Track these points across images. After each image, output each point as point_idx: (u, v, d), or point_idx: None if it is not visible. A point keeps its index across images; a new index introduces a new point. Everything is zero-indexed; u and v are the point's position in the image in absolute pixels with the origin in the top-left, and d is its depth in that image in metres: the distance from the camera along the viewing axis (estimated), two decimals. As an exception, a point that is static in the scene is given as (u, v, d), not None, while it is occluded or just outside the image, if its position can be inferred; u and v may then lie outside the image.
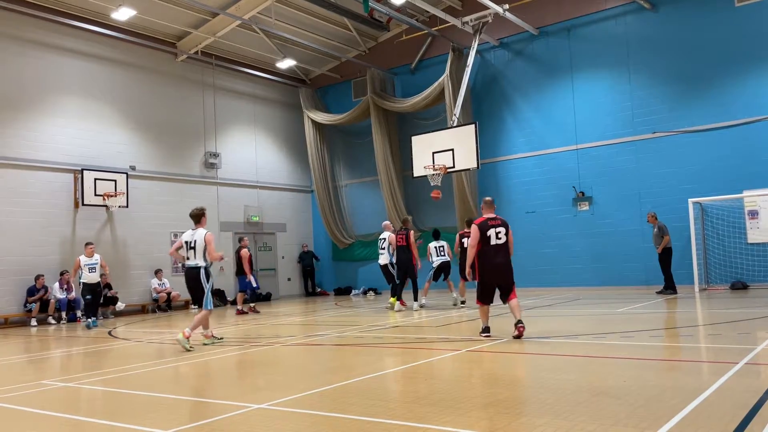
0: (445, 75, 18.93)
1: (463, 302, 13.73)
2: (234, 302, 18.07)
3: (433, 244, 14.54)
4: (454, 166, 16.61)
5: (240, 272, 15.48)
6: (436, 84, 19.24)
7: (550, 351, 7.41)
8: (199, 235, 9.27)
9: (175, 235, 19.08)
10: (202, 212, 9.63)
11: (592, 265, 17.25)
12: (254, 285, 15.72)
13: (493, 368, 6.44)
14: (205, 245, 9.22)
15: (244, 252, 15.53)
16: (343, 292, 22.18)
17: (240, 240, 16.26)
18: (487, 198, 8.64)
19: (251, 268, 15.50)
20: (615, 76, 17.15)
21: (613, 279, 16.73)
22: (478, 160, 16.30)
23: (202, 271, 9.19)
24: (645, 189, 16.52)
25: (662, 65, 16.39)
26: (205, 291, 9.08)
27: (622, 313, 10.84)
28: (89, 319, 13.68)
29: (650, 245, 16.38)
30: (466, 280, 12.11)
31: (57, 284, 15.61)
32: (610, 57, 17.18)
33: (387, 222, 15.12)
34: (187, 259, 9.33)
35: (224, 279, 20.30)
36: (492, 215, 8.34)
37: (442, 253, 14.37)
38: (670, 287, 14.44)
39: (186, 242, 9.38)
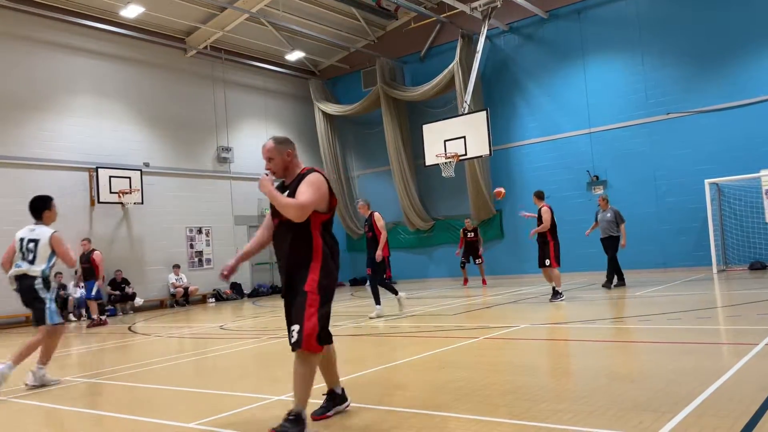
0: (454, 62, 18.81)
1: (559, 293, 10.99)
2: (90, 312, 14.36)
3: None
4: (466, 154, 16.55)
5: (91, 277, 13.59)
6: (446, 71, 19.13)
7: (567, 336, 7.39)
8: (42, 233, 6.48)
9: (191, 230, 19.26)
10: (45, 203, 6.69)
11: (608, 249, 17.10)
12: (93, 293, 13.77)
13: (511, 355, 6.44)
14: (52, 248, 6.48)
15: (98, 254, 13.75)
16: (358, 282, 22.24)
17: (87, 241, 14.11)
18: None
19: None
20: (627, 57, 16.95)
21: (629, 263, 16.52)
22: (490, 146, 16.22)
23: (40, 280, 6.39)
24: (660, 171, 16.36)
25: (675, 45, 16.17)
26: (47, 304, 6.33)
27: (639, 297, 10.77)
28: None
29: (667, 227, 16.27)
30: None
31: (72, 282, 15.80)
32: (622, 38, 16.97)
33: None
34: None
35: (240, 272, 20.45)
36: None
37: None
38: (621, 277, 13.02)
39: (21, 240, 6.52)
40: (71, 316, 15.57)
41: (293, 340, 3.77)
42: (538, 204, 11.38)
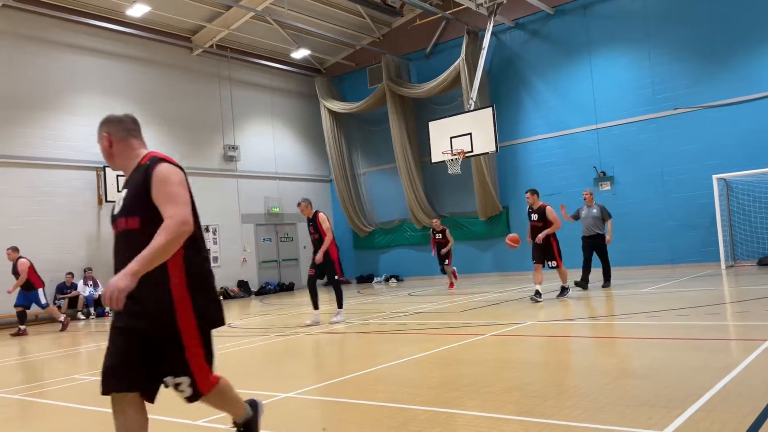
0: (460, 59, 18.77)
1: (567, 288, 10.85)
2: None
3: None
4: (472, 151, 16.53)
5: (30, 288, 12.69)
6: (451, 68, 19.09)
7: (575, 333, 7.38)
8: None
9: (199, 228, 19.30)
10: None
11: (615, 246, 16.88)
12: (43, 302, 12.95)
13: (518, 352, 6.43)
14: None
15: (24, 262, 12.61)
16: (365, 279, 22.26)
17: (11, 250, 12.94)
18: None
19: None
20: (634, 52, 16.86)
21: (637, 259, 16.54)
22: (496, 143, 16.19)
23: None
24: (668, 167, 16.28)
25: (683, 39, 16.07)
26: None
27: (647, 293, 10.73)
28: None
29: (674, 223, 16.20)
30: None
31: (81, 281, 15.89)
32: (629, 33, 16.88)
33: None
34: None
35: (247, 270, 20.51)
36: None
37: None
38: (586, 279, 12.08)
39: None
40: (80, 314, 15.67)
41: (187, 394, 2.96)
42: (536, 202, 10.62)
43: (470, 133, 16.46)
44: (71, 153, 16.45)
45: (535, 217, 10.62)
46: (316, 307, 9.81)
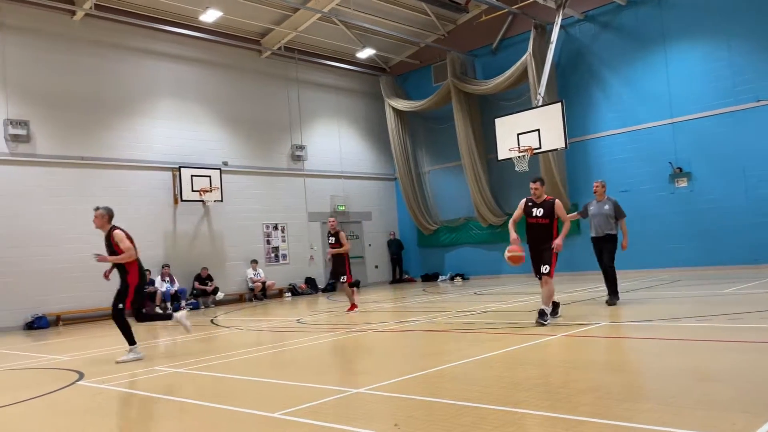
0: (527, 53, 18.44)
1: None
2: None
3: None
4: (540, 147, 16.23)
5: None
6: (518, 63, 18.78)
7: (651, 335, 7.14)
8: None
9: (267, 227, 19.82)
10: None
11: (693, 244, 16.37)
12: None
13: (591, 353, 6.28)
14: None
15: None
16: (430, 278, 22.23)
17: None
18: None
19: None
20: (712, 43, 16.11)
21: (716, 258, 15.81)
22: (566, 139, 15.83)
23: None
24: (749, 161, 15.48)
25: (765, 28, 15.22)
26: None
27: (728, 294, 10.26)
28: None
29: (758, 221, 15.39)
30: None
31: (159, 277, 16.60)
32: (706, 23, 16.14)
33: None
34: None
35: (314, 267, 20.89)
36: None
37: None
38: (615, 291, 9.85)
39: None
40: (157, 309, 16.36)
41: None
42: (543, 194, 8.63)
43: (538, 130, 16.16)
44: (150, 154, 17.22)
45: (539, 212, 8.45)
46: (131, 341, 7.96)
